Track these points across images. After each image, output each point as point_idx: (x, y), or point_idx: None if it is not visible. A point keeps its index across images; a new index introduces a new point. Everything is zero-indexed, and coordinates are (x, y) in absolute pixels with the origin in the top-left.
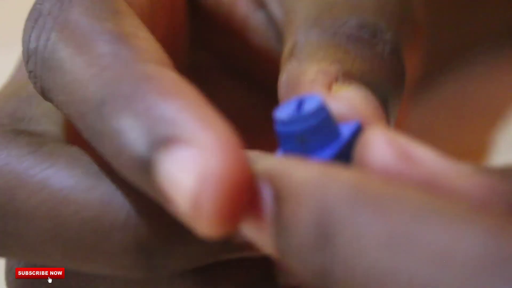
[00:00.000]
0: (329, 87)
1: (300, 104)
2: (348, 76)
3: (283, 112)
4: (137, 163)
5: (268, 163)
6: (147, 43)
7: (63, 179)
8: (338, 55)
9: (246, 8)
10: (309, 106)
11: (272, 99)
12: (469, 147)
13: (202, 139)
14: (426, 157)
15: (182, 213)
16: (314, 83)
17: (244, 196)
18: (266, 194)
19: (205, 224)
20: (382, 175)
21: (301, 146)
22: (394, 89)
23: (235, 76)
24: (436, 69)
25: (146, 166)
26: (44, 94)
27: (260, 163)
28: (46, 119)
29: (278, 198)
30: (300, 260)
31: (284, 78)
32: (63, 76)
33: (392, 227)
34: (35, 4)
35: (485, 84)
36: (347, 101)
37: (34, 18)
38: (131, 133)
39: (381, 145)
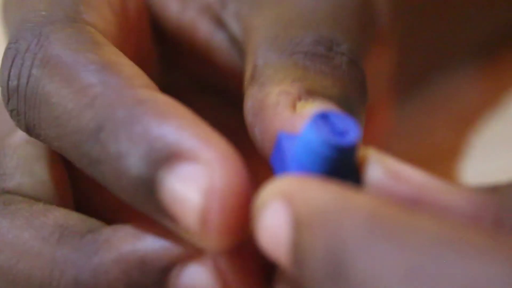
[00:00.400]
0: (293, 107)
1: (327, 120)
2: (310, 93)
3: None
4: (139, 184)
5: (285, 182)
6: (131, 69)
7: (17, 239)
8: (297, 73)
9: (207, 29)
10: (348, 131)
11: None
12: (445, 149)
13: (205, 155)
14: (414, 176)
15: (188, 229)
16: (278, 105)
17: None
18: (283, 217)
19: (213, 238)
20: (397, 201)
21: (321, 166)
22: (357, 98)
23: (207, 94)
24: (415, 75)
25: (149, 186)
26: (29, 130)
27: (277, 183)
28: (20, 172)
29: (297, 222)
30: (314, 286)
31: (249, 105)
32: (52, 110)
33: (410, 261)
34: (9, 44)
35: (461, 91)
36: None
37: (11, 57)
38: (132, 155)
39: (376, 167)
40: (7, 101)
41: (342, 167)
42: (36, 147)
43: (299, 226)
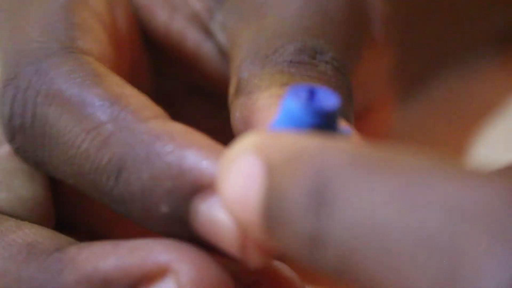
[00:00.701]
0: None
1: (306, 91)
2: None
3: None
4: (170, 218)
5: (258, 137)
6: (138, 99)
7: None
8: (284, 79)
9: (196, 38)
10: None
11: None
12: (454, 145)
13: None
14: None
15: (228, 250)
16: (272, 106)
17: None
18: (255, 166)
19: (252, 256)
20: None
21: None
22: (345, 102)
23: (197, 100)
24: (415, 75)
25: (181, 218)
26: (39, 167)
27: (247, 138)
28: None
29: (271, 168)
30: (293, 225)
31: (237, 116)
32: (64, 150)
33: (396, 185)
34: (7, 81)
35: (463, 90)
36: None
37: (12, 95)
38: (159, 191)
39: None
40: (11, 139)
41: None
42: (18, 161)
43: (273, 171)
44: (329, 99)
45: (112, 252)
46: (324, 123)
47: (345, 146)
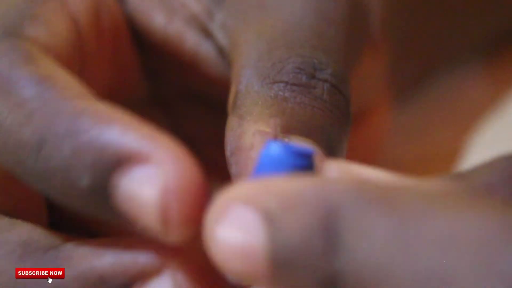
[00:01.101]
0: None
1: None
2: (287, 130)
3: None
4: (91, 193)
5: (246, 186)
6: (66, 80)
7: None
8: (275, 108)
9: (194, 39)
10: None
11: None
12: (444, 150)
13: (156, 155)
14: (375, 174)
15: (149, 226)
16: (253, 150)
17: (203, 199)
18: (251, 216)
19: (173, 232)
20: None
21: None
22: (337, 127)
23: (195, 102)
24: (413, 76)
25: (102, 193)
26: None
27: (235, 189)
28: None
29: (269, 215)
30: (307, 269)
31: (228, 137)
32: None
33: (395, 223)
34: None
35: (460, 91)
36: None
37: None
38: (79, 166)
39: (336, 174)
40: None
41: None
42: None
43: (273, 218)
44: (305, 148)
45: (108, 249)
46: (304, 163)
47: (347, 183)
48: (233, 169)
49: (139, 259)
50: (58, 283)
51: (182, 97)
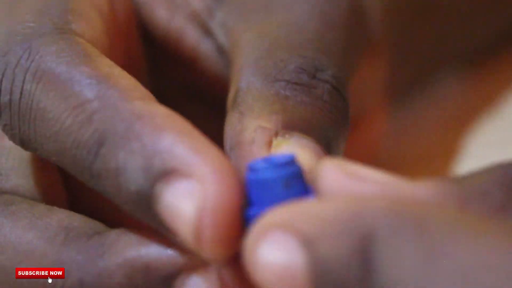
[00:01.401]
0: (269, 144)
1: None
2: (288, 127)
3: (257, 165)
4: (138, 198)
5: (278, 214)
6: (126, 80)
7: (20, 240)
8: (277, 105)
9: (195, 36)
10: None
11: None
12: (438, 152)
13: (199, 171)
14: (373, 174)
15: (185, 240)
16: (253, 144)
17: (240, 220)
18: (289, 241)
19: (208, 249)
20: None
21: (285, 192)
22: (336, 128)
23: (195, 100)
24: (408, 79)
25: (148, 199)
26: (25, 144)
27: (268, 217)
28: (15, 173)
29: (310, 240)
30: None
31: (227, 132)
32: (49, 126)
33: (427, 248)
34: None
35: (455, 93)
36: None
37: (1, 71)
38: (131, 170)
39: (332, 171)
40: None
41: (296, 186)
42: None
43: (312, 243)
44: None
45: (154, 239)
46: (289, 173)
47: (381, 205)
48: (232, 163)
49: (186, 252)
50: (102, 270)
51: (180, 93)
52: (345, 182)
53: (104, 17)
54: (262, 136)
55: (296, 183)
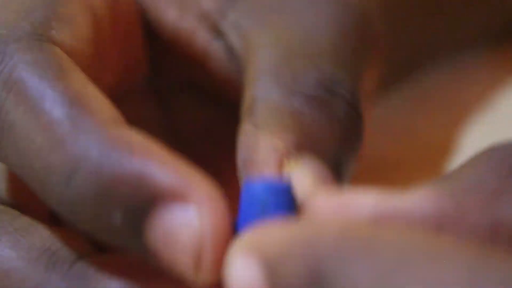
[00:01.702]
0: (280, 165)
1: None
2: (300, 148)
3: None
4: (124, 229)
5: (250, 236)
6: (98, 100)
7: (5, 256)
8: (292, 121)
9: (205, 37)
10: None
11: (237, 118)
12: (435, 147)
13: (193, 195)
14: (364, 198)
15: (179, 267)
16: (266, 164)
17: (229, 243)
18: (255, 266)
19: (203, 275)
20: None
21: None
22: (349, 151)
23: (200, 98)
24: (404, 72)
25: (135, 229)
26: None
27: (243, 238)
28: None
29: (270, 264)
30: None
31: (241, 143)
32: (17, 140)
33: (377, 270)
34: None
35: (452, 88)
36: (297, 183)
37: None
38: (114, 199)
39: (322, 204)
40: None
41: (284, 208)
42: None
43: (271, 266)
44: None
45: (137, 267)
46: (281, 198)
47: (332, 230)
48: (243, 178)
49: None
50: None
51: (188, 93)
52: (340, 211)
53: (98, 20)
54: (274, 158)
55: (282, 208)
